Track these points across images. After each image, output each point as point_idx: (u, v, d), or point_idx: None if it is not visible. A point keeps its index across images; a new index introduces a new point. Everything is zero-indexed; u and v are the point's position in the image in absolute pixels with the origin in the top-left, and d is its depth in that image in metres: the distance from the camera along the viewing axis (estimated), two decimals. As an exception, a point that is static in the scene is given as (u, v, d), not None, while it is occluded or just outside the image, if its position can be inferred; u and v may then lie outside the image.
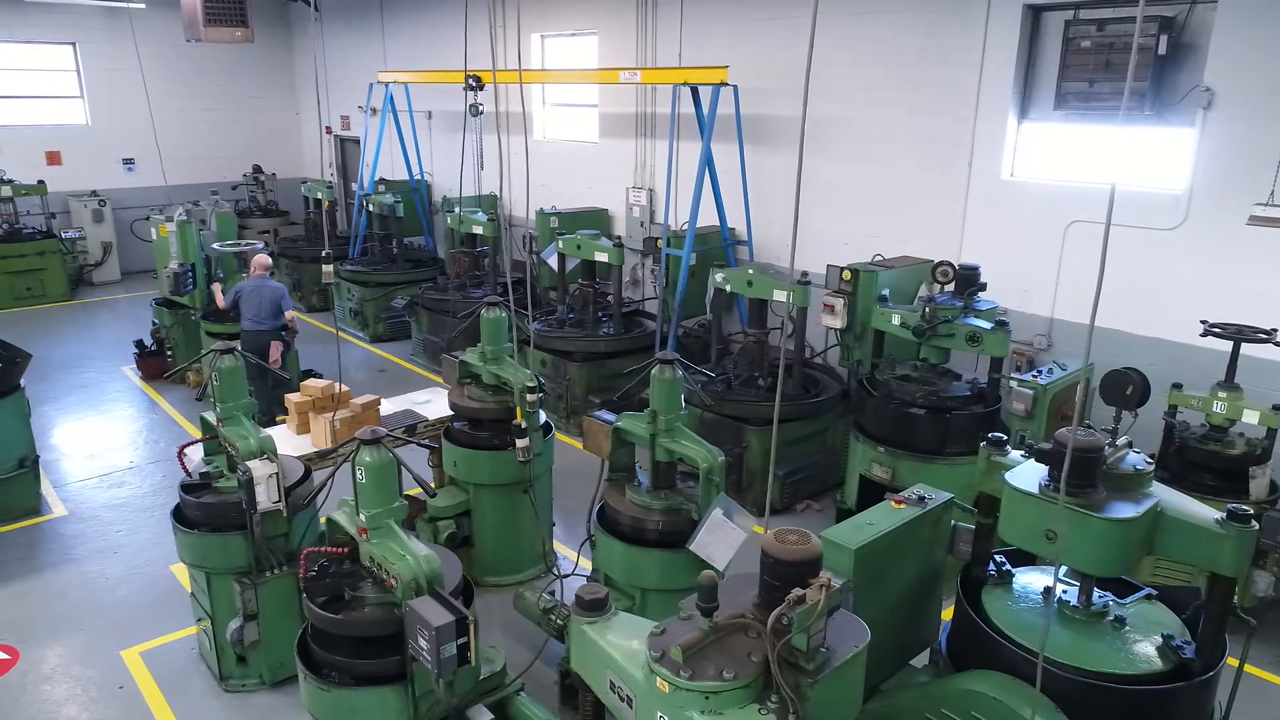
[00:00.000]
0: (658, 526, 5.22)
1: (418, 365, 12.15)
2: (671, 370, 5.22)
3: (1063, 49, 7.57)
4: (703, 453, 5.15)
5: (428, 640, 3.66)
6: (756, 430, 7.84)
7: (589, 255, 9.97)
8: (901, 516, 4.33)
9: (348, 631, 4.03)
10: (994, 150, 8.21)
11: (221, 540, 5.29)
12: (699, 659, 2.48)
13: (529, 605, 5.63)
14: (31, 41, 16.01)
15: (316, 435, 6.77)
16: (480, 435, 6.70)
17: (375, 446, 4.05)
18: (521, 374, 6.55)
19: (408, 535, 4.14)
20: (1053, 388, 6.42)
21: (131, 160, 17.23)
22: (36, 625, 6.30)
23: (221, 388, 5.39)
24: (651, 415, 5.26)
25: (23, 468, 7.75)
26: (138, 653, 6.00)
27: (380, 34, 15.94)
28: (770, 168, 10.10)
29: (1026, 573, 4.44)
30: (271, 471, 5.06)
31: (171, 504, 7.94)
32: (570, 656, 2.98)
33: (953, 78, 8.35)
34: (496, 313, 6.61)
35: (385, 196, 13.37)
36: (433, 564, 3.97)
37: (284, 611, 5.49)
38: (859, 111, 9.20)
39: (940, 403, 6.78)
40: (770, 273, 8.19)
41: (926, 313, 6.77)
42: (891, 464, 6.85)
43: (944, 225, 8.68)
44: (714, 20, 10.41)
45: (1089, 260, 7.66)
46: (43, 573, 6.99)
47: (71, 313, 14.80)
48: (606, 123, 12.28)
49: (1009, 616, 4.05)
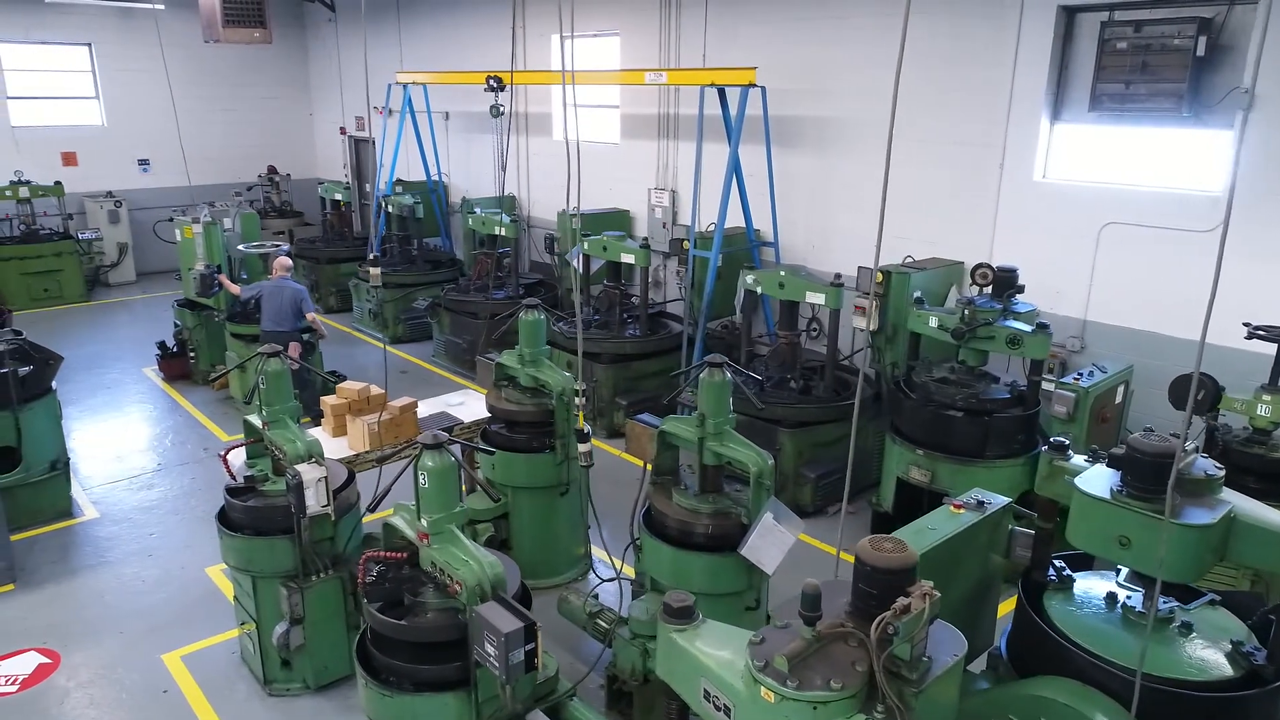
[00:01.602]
0: (706, 530, 5.20)
1: (439, 366, 12.13)
2: (721, 374, 5.20)
3: (1098, 50, 7.54)
4: (753, 456, 5.13)
5: (495, 646, 3.65)
6: (790, 432, 7.82)
7: (615, 256, 9.95)
8: (962, 521, 4.31)
9: (411, 637, 4.01)
10: (1026, 152, 8.18)
11: (268, 544, 5.27)
12: (804, 668, 2.45)
13: (574, 609, 5.61)
14: (47, 42, 16.01)
15: (354, 438, 6.75)
16: (518, 438, 6.69)
17: (438, 451, 4.03)
18: (560, 376, 6.54)
19: (469, 540, 4.12)
20: (1094, 390, 6.40)
21: (146, 161, 17.23)
22: (75, 628, 6.28)
23: (268, 391, 5.37)
24: (700, 419, 5.24)
25: (54, 470, 7.74)
26: (179, 656, 5.98)
27: (396, 35, 15.92)
28: (794, 169, 10.07)
29: (1087, 577, 4.42)
30: (321, 475, 5.04)
31: (203, 506, 8.08)
32: (656, 664, 2.95)
33: (984, 79, 8.32)
34: (535, 315, 6.59)
35: (404, 197, 13.36)
36: (496, 569, 3.95)
37: (330, 615, 5.48)
38: (886, 112, 9.14)
39: (980, 405, 6.76)
40: (802, 274, 8.17)
41: (966, 315, 6.74)
42: (930, 466, 6.82)
43: (974, 227, 8.65)
44: (739, 21, 10.39)
45: (1124, 262, 7.66)
46: (78, 575, 6.97)
47: (89, 314, 14.79)
48: (628, 123, 12.26)
49: (1074, 622, 4.02)
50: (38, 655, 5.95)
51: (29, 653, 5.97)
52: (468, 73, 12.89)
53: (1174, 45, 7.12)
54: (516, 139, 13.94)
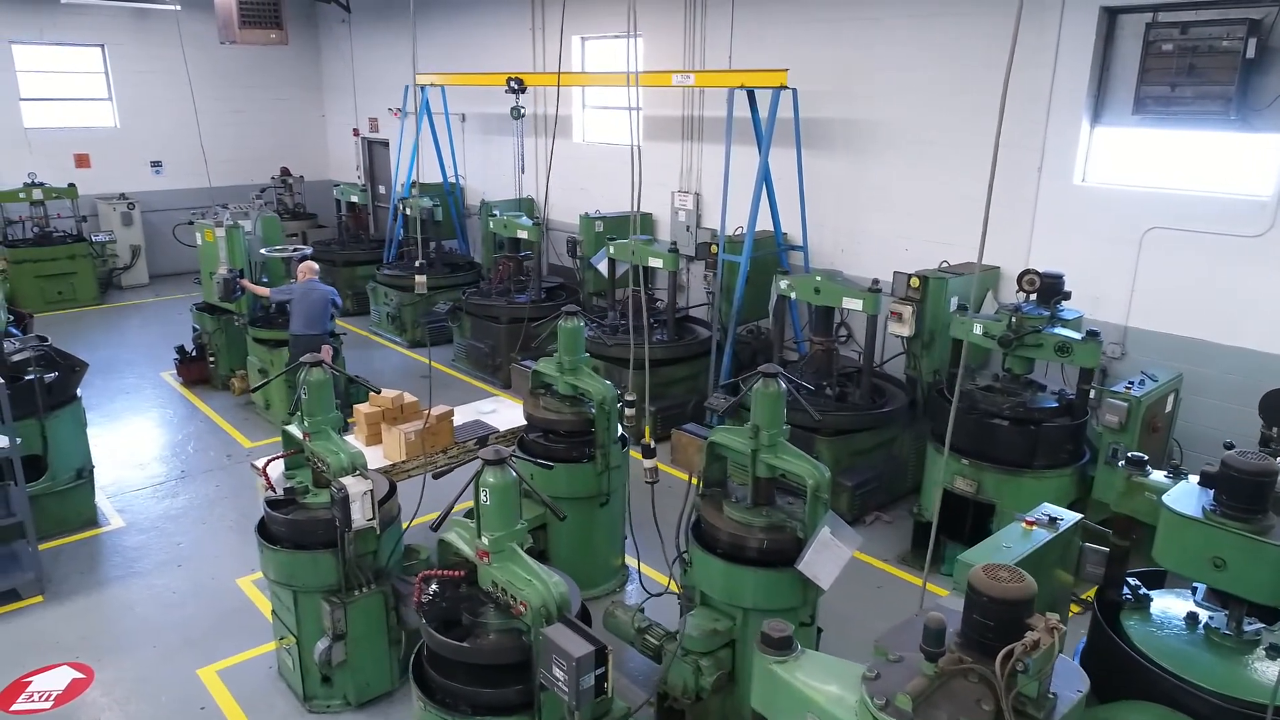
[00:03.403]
0: (760, 544, 5.07)
1: (460, 371, 12.00)
2: (775, 384, 5.07)
3: (1142, 52, 7.40)
4: (809, 469, 4.99)
5: (565, 671, 3.52)
6: (827, 440, 7.69)
7: (643, 261, 9.82)
8: (1037, 539, 4.19)
9: (474, 660, 3.88)
10: (1066, 155, 8.05)
11: (311, 558, 5.14)
12: (927, 706, 2.33)
13: (621, 624, 5.49)
14: (61, 43, 15.88)
15: (390, 447, 6.63)
16: (556, 447, 6.57)
17: (500, 467, 3.91)
18: (601, 385, 6.42)
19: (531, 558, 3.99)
20: (1146, 399, 6.27)
21: (159, 163, 17.11)
22: (108, 642, 6.16)
23: (310, 401, 5.25)
24: (754, 430, 5.11)
25: (81, 479, 7.62)
26: (215, 671, 5.86)
27: (411, 36, 15.78)
28: (822, 171, 9.94)
29: (1163, 596, 4.30)
30: (367, 488, 4.92)
31: (230, 515, 7.98)
32: (752, 696, 2.83)
33: (1022, 81, 8.18)
34: (574, 322, 6.47)
35: (423, 200, 13.23)
36: (561, 590, 3.82)
37: (372, 631, 5.36)
38: (920, 115, 9.04)
39: (1028, 414, 6.63)
40: (839, 280, 8.04)
41: (1013, 322, 6.61)
42: (976, 477, 6.69)
43: (1009, 231, 8.52)
44: (767, 22, 10.26)
45: (1168, 267, 7.53)
46: (108, 586, 6.85)
47: (103, 317, 14.68)
48: (650, 125, 12.13)
49: (1156, 643, 3.91)
50: (71, 670, 5.82)
51: (62, 667, 5.85)
52: (488, 74, 12.77)
53: (1222, 47, 6.99)
54: (535, 141, 13.82)
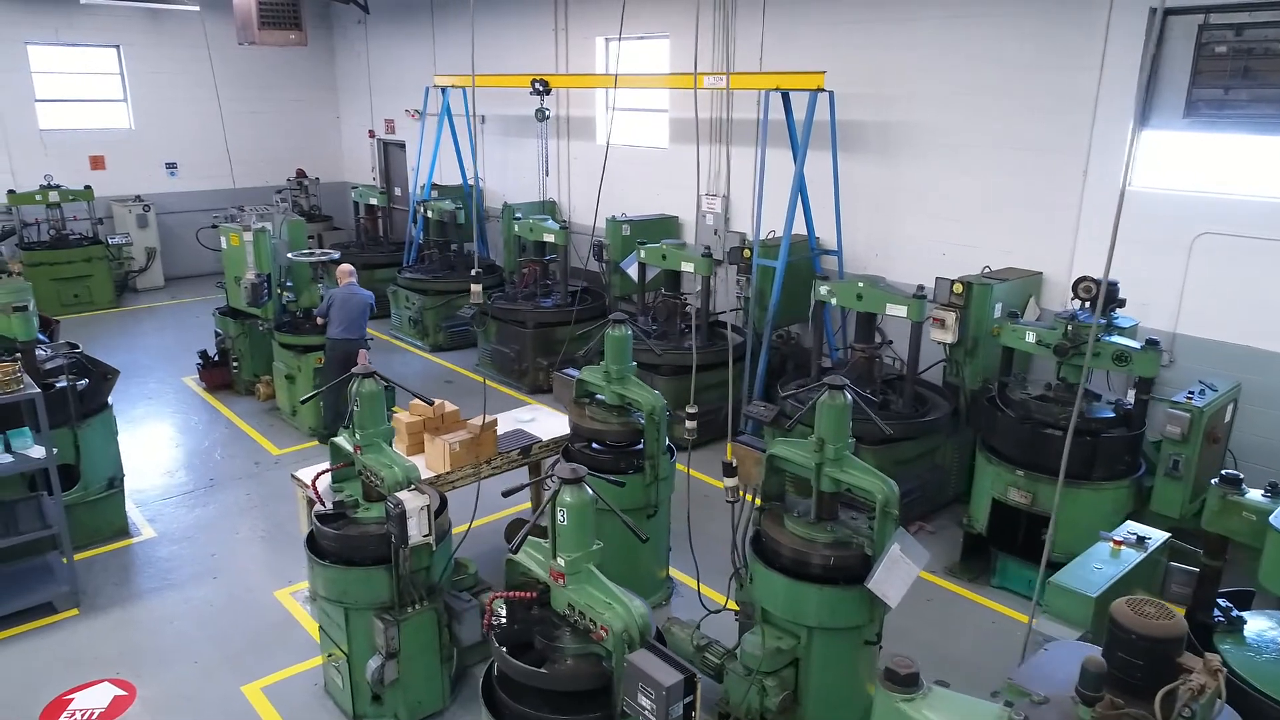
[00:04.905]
0: (826, 561, 4.94)
1: (484, 376, 11.83)
2: (842, 396, 4.94)
3: (1195, 54, 7.28)
4: (877, 484, 4.86)
5: (653, 700, 3.39)
6: (871, 449, 7.54)
7: (675, 265, 9.69)
8: (1127, 559, 4.06)
9: (553, 686, 3.75)
10: (1113, 158, 7.91)
11: (365, 575, 5.01)
12: (1088, 754, 2.20)
13: (679, 641, 5.36)
14: (76, 44, 15.76)
15: (432, 458, 6.50)
16: (603, 458, 6.43)
17: (578, 486, 3.78)
18: (650, 395, 6.28)
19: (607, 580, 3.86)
20: (1208, 410, 6.13)
21: (174, 164, 16.98)
22: (147, 657, 6.02)
23: (363, 413, 5.11)
24: (818, 443, 4.98)
25: (112, 488, 7.49)
26: (259, 688, 5.72)
27: (430, 36, 15.66)
28: (856, 175, 9.80)
29: (1254, 617, 4.17)
30: (424, 504, 4.78)
31: (263, 524, 7.86)
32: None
33: (1067, 83, 8.06)
34: (622, 330, 6.33)
35: (444, 202, 13.09)
36: (644, 614, 3.70)
37: (424, 648, 5.22)
38: (957, 117, 8.91)
39: (1085, 424, 6.49)
40: (882, 286, 7.91)
41: (1069, 330, 6.47)
42: (1031, 488, 6.56)
43: (1052, 235, 8.39)
44: (799, 23, 10.13)
45: (1220, 274, 7.39)
46: (143, 599, 6.72)
47: (120, 320, 14.55)
48: (677, 128, 12.00)
49: (1258, 669, 3.77)
50: (112, 687, 5.69)
51: (103, 684, 5.71)
52: (511, 75, 12.64)
53: (1279, 50, 6.87)
54: (557, 143, 13.69)
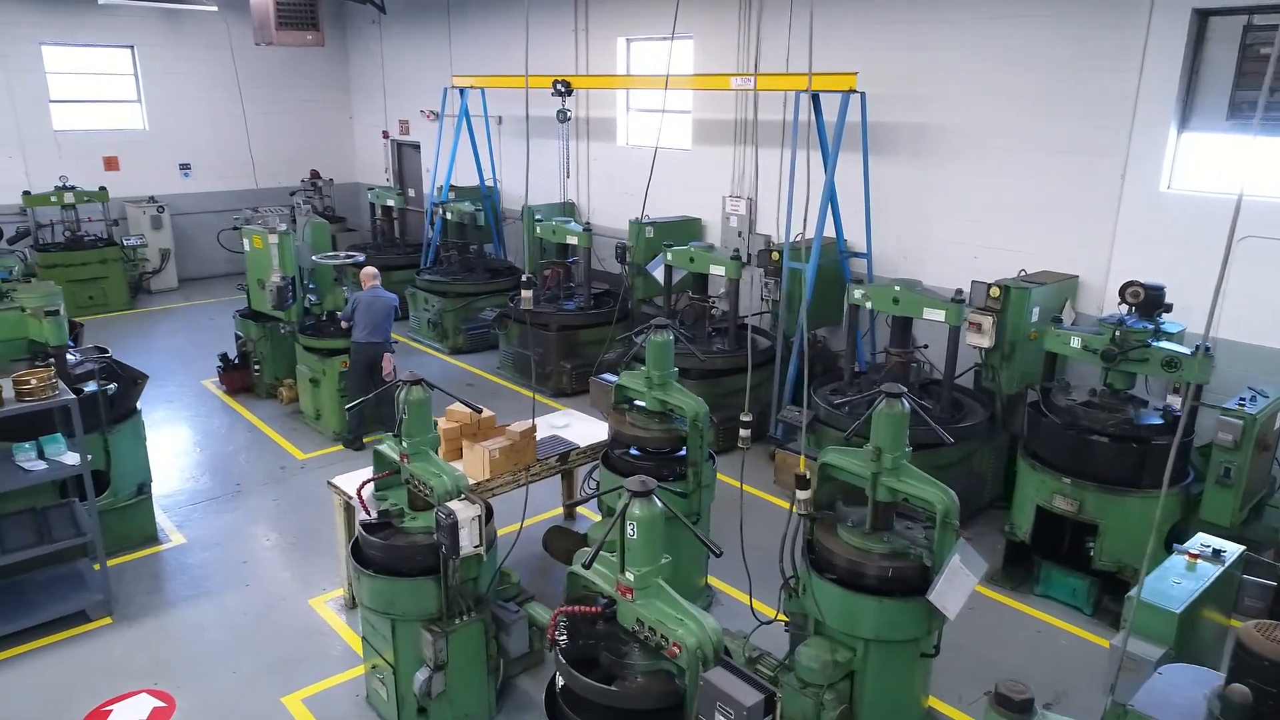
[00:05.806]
0: (884, 572, 4.85)
1: (505, 379, 11.79)
2: (900, 404, 4.85)
3: (1238, 56, 7.20)
4: (937, 494, 4.79)
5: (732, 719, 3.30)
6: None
7: (703, 268, 9.60)
8: (1205, 573, 3.98)
9: (623, 704, 3.66)
10: (1151, 161, 7.82)
11: (413, 586, 4.92)
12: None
13: (731, 653, 5.26)
14: (91, 44, 15.68)
15: (471, 465, 6.41)
16: (643, 465, 6.34)
17: (647, 499, 3.69)
18: (693, 401, 6.19)
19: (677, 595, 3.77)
20: (1261, 417, 6.04)
21: (188, 165, 16.90)
22: (184, 667, 5.94)
23: (410, 421, 5.02)
24: (875, 452, 4.89)
25: (141, 494, 7.41)
26: (299, 699, 5.64)
27: (446, 36, 15.58)
28: (886, 177, 9.70)
29: (1334, 633, 4.08)
30: (476, 514, 4.70)
31: (293, 530, 7.78)
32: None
33: (1105, 85, 7.96)
34: (665, 335, 6.24)
35: (463, 204, 13.01)
36: (717, 630, 3.61)
37: (471, 660, 5.14)
38: (991, 119, 8.82)
39: (1134, 431, 6.40)
40: (918, 289, 7.82)
41: (1117, 336, 6.38)
42: (1077, 496, 6.47)
43: (1088, 239, 8.30)
44: (829, 24, 10.02)
45: (1264, 278, 7.29)
46: (177, 607, 6.63)
47: (135, 322, 14.47)
48: (700, 129, 11.91)
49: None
50: (151, 698, 5.60)
51: (141, 695, 5.63)
52: (532, 76, 12.54)
53: (1326, 51, 6.77)
54: (577, 144, 13.61)
